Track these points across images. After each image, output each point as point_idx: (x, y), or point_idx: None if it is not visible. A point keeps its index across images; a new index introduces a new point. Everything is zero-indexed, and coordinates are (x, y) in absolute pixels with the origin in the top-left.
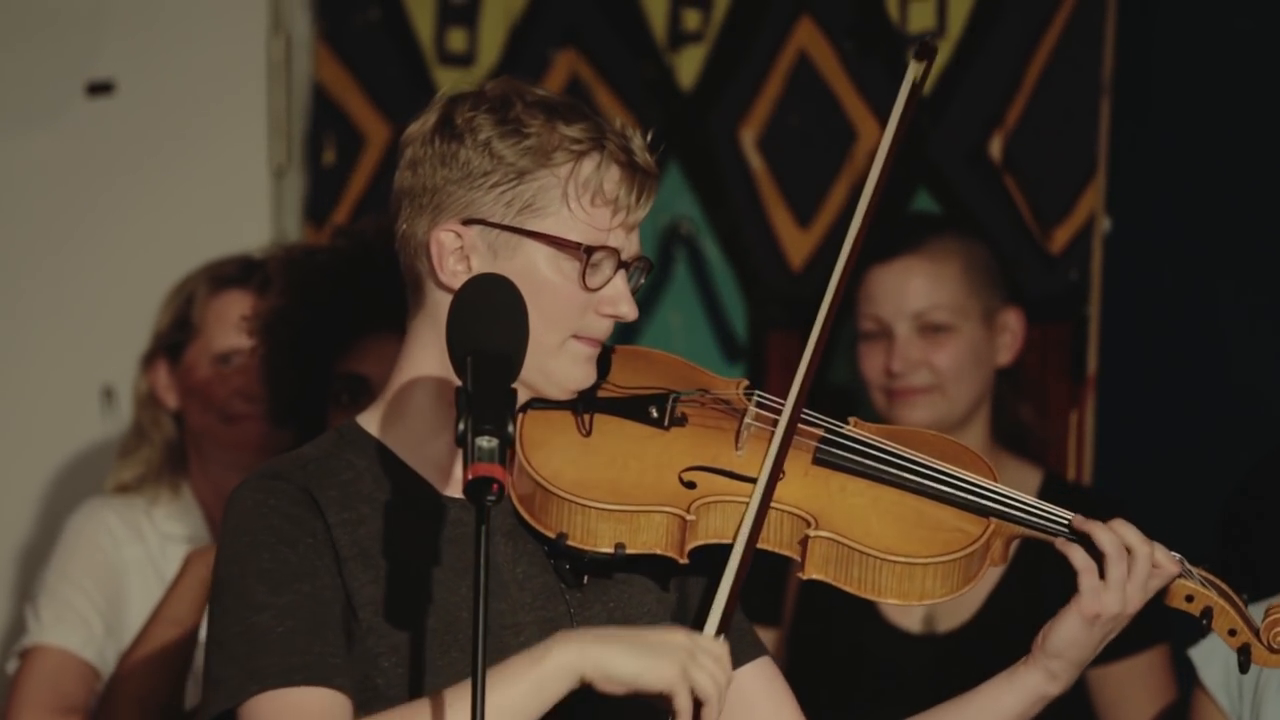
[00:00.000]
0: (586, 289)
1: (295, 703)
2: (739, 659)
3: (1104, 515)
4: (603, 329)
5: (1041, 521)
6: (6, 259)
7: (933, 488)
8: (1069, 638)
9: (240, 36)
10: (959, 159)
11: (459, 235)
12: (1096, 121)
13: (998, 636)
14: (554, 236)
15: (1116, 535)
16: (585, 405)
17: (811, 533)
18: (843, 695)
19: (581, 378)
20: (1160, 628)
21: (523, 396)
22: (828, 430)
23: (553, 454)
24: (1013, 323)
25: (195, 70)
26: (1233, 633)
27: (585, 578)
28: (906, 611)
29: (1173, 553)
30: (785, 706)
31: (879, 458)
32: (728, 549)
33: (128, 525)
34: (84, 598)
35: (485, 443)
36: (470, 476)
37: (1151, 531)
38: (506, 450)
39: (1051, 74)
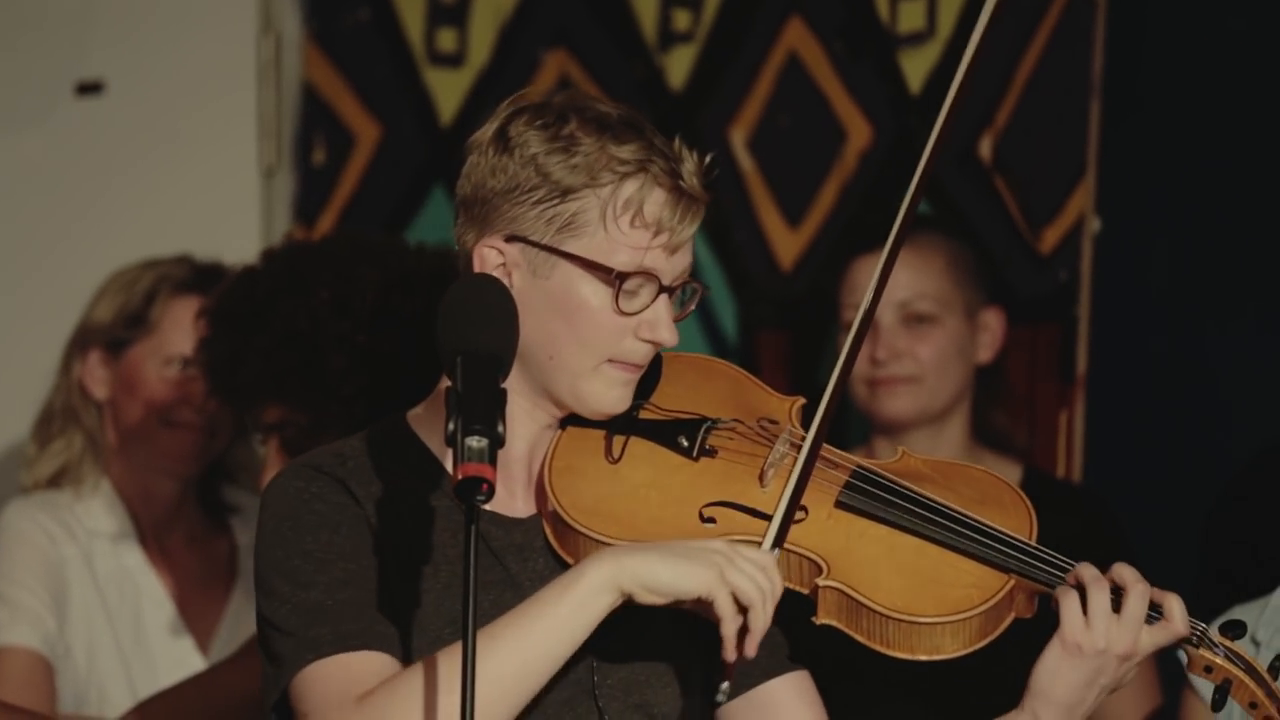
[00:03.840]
0: (622, 313)
1: (349, 665)
2: (771, 670)
3: (1083, 510)
4: (641, 354)
5: (1060, 578)
6: None
7: (954, 540)
8: (1051, 670)
9: (230, 36)
10: (949, 160)
11: (501, 252)
12: (1086, 122)
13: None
14: (587, 260)
15: (1098, 570)
16: (618, 428)
17: (821, 581)
18: (838, 697)
19: (614, 402)
20: None
21: (547, 412)
22: (857, 469)
23: (576, 479)
24: (993, 322)
25: (185, 70)
26: (1254, 705)
27: None
28: None
29: (1194, 620)
30: (811, 717)
31: (901, 505)
32: None
33: (60, 524)
34: (33, 597)
35: (475, 442)
36: (460, 476)
37: (1138, 531)
38: (496, 450)
39: (1041, 75)
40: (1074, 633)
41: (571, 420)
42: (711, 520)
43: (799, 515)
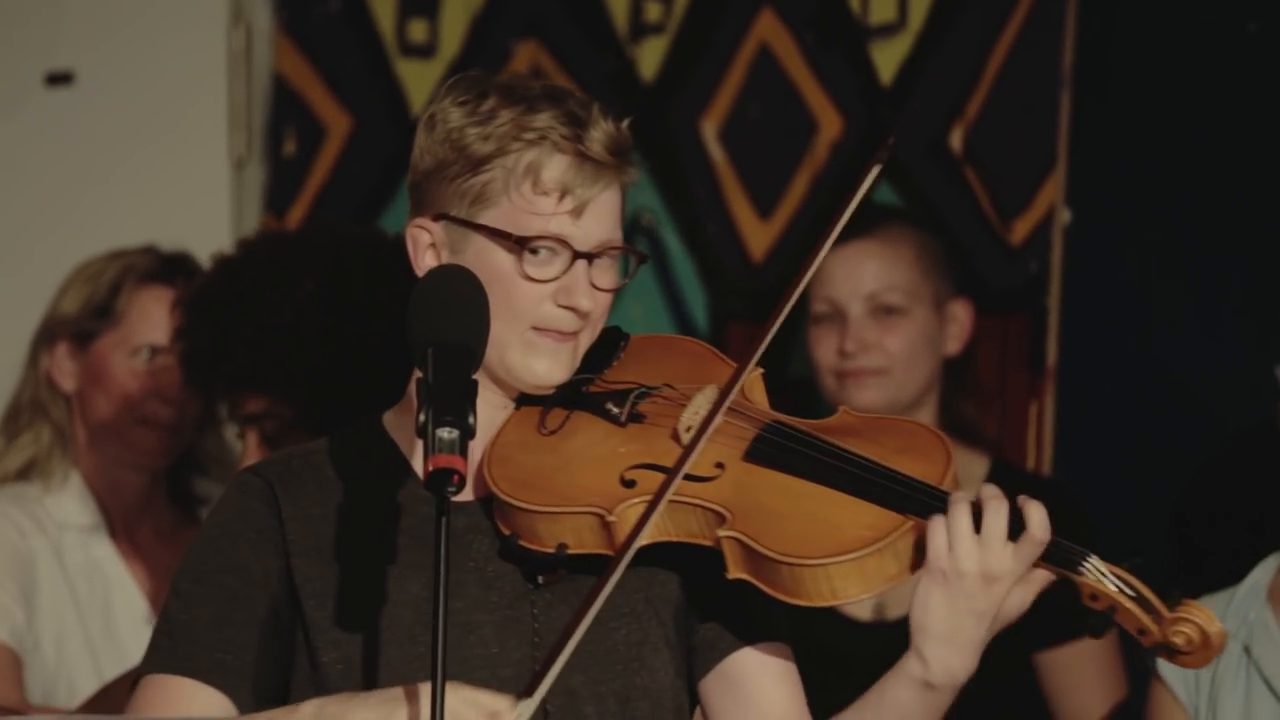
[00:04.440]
0: (531, 279)
1: (167, 690)
2: (739, 641)
3: (1050, 502)
4: (563, 321)
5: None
6: None
7: (854, 485)
8: (922, 602)
9: (200, 27)
10: (920, 151)
11: (429, 232)
12: (1056, 114)
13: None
14: (495, 229)
15: (964, 493)
16: (559, 403)
17: (721, 532)
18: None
19: (545, 373)
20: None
21: (495, 393)
22: (769, 423)
23: (514, 453)
24: (961, 314)
25: (155, 61)
26: (1142, 632)
27: (540, 577)
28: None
29: (1078, 547)
30: (776, 691)
31: (806, 454)
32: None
33: (29, 517)
34: (1, 590)
35: (446, 434)
36: (430, 468)
37: (1109, 525)
38: (467, 441)
39: (1012, 66)
40: (937, 558)
41: (521, 401)
42: (632, 483)
43: (713, 472)
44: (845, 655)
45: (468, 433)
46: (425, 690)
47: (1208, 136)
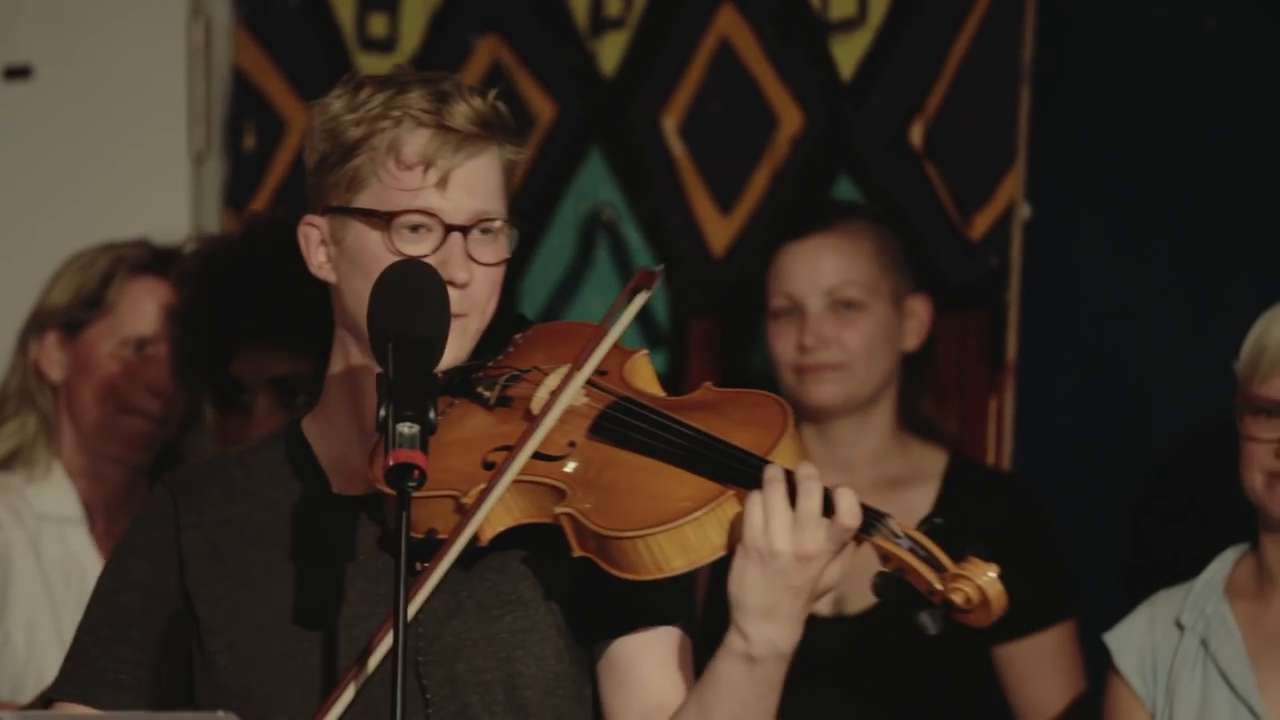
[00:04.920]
0: (402, 256)
1: (62, 714)
2: (623, 627)
3: (1007, 497)
4: None
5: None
6: None
7: (682, 458)
8: (738, 578)
9: (160, 21)
10: (880, 146)
11: (317, 226)
12: (1016, 109)
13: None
14: (363, 209)
15: (781, 469)
16: (446, 390)
17: (557, 509)
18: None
19: None
20: (1065, 604)
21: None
22: (616, 400)
23: None
24: (920, 309)
25: (114, 55)
26: (931, 592)
27: (419, 565)
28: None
29: (873, 508)
30: (658, 673)
31: (644, 429)
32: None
33: (8, 508)
34: None
35: (406, 429)
36: (390, 463)
37: (1069, 520)
38: (428, 436)
39: (972, 62)
40: (752, 536)
41: None
42: (491, 465)
43: (565, 450)
44: (805, 650)
45: (429, 428)
46: None
47: (1166, 132)
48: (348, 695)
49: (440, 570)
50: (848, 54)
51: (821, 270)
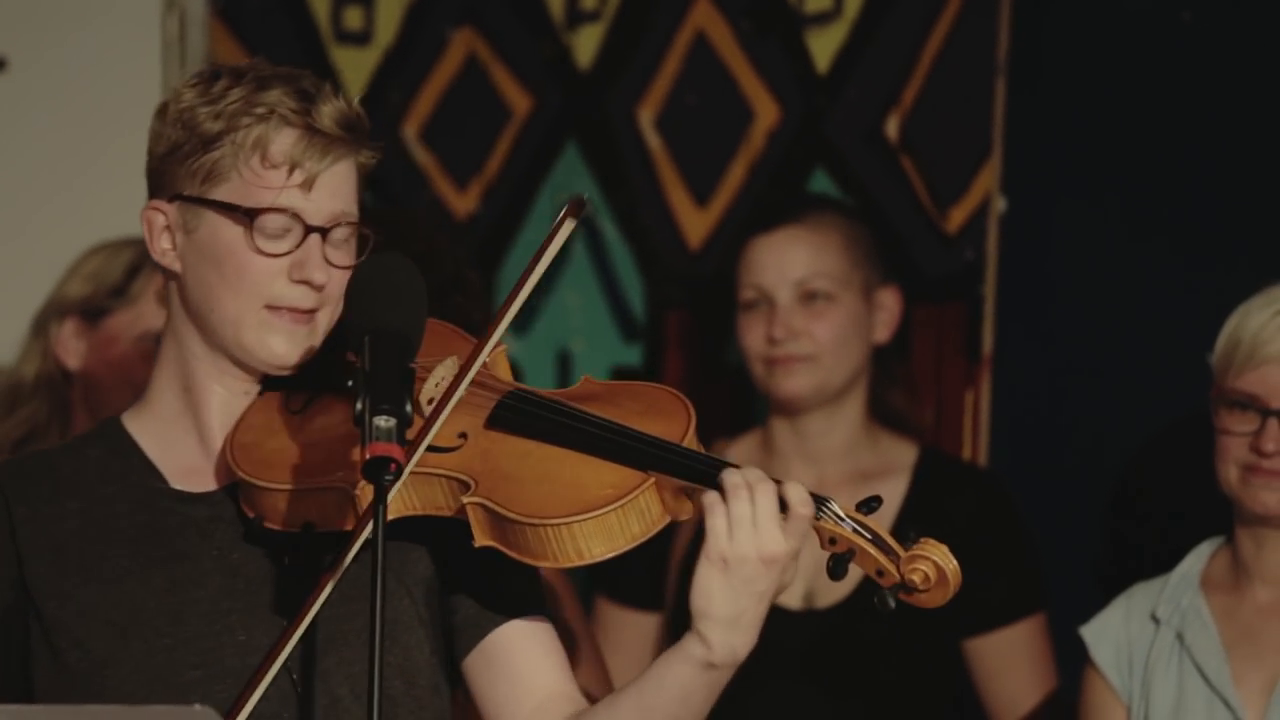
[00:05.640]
0: (262, 254)
1: (11, 707)
2: (499, 618)
3: (978, 489)
4: (297, 298)
5: (700, 469)
6: None
7: (595, 445)
8: (702, 588)
9: (134, 13)
10: (856, 139)
11: (164, 213)
12: (992, 102)
13: (875, 611)
14: (224, 203)
15: (739, 474)
16: (305, 384)
17: (465, 499)
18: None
19: (282, 352)
20: (1035, 597)
21: (237, 378)
22: (511, 391)
23: (258, 435)
24: (890, 302)
25: (88, 47)
26: (880, 573)
27: (287, 559)
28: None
29: (817, 495)
30: (543, 665)
31: (547, 418)
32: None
33: None
34: None
35: (383, 422)
36: (368, 456)
37: (1045, 513)
38: (405, 429)
39: (947, 55)
40: (717, 546)
41: (268, 385)
42: None
43: (456, 442)
44: (775, 644)
45: (405, 421)
46: None
47: (1142, 125)
48: (253, 699)
49: (346, 562)
50: (823, 47)
51: (791, 262)
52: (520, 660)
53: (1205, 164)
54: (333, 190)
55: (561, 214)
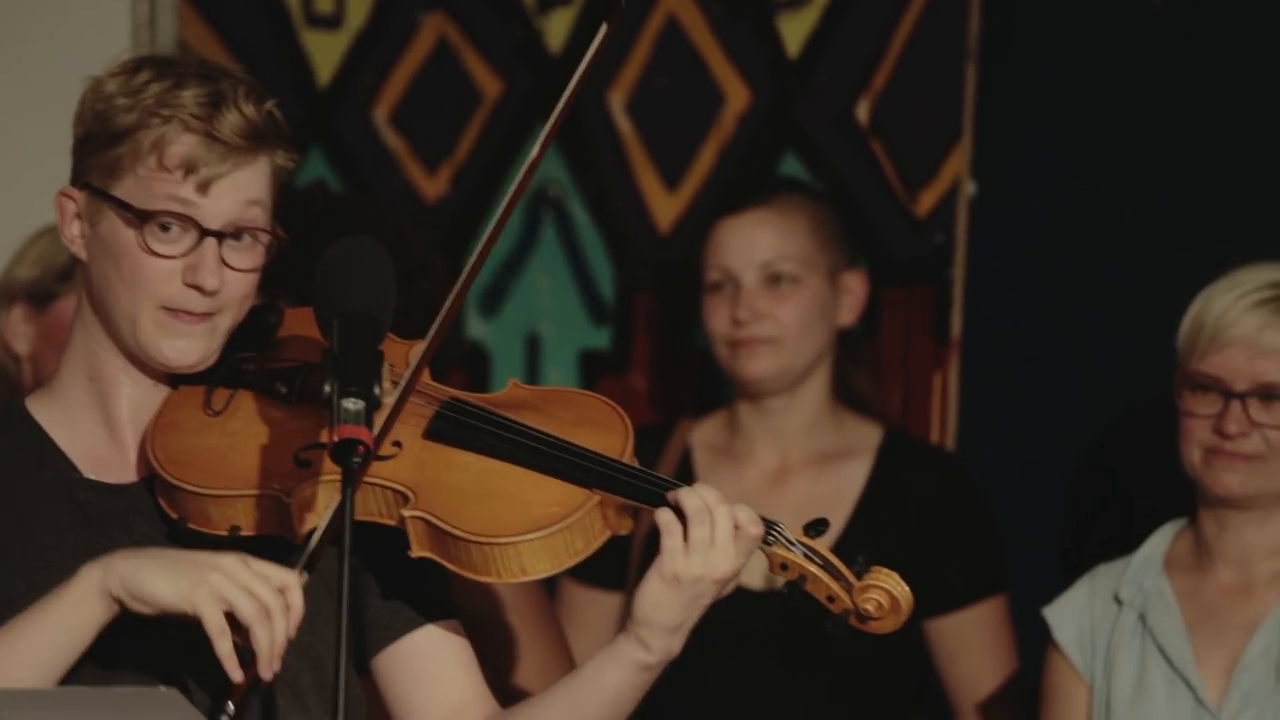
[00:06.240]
0: (155, 255)
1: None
2: (412, 622)
3: (940, 471)
4: (191, 301)
5: (647, 490)
6: None
7: (538, 461)
8: (652, 601)
9: None
10: (826, 123)
11: (75, 199)
12: (962, 86)
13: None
14: (122, 201)
15: (700, 497)
16: (223, 381)
17: (405, 512)
18: (685, 653)
19: (178, 353)
20: (996, 579)
21: (142, 373)
22: (448, 400)
23: (176, 434)
24: (855, 285)
25: (57, 29)
26: (831, 599)
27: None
28: (748, 568)
29: (767, 518)
30: (458, 669)
31: (488, 431)
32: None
33: None
34: None
35: (351, 405)
36: (335, 439)
37: (1012, 495)
38: (373, 412)
39: (918, 39)
40: (673, 565)
41: (182, 380)
42: (308, 463)
43: (391, 450)
44: (738, 624)
45: (374, 403)
46: (225, 558)
47: (1112, 110)
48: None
49: (309, 551)
50: (794, 31)
51: (756, 245)
52: (434, 665)
53: (1174, 149)
54: (231, 194)
55: (603, 30)
